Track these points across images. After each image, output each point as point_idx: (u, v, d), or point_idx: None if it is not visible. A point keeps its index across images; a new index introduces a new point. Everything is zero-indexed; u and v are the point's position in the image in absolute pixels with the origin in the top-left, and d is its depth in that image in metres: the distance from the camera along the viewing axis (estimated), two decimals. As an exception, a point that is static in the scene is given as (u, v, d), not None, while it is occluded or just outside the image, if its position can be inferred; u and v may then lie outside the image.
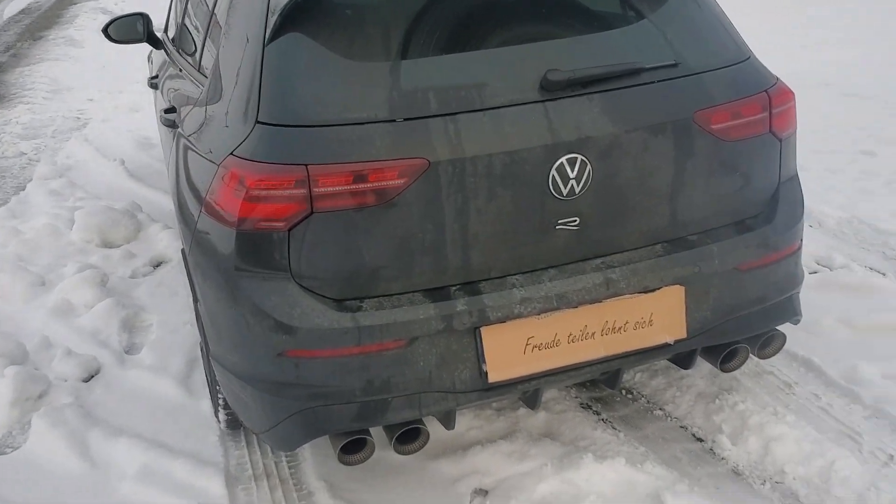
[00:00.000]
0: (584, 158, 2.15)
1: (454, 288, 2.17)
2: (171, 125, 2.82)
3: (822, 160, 5.06)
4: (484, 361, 2.20)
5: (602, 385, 2.72)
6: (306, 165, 2.03)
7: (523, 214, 2.16)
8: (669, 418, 2.78)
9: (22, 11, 16.55)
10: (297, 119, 2.09)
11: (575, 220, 2.21)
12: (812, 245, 3.90)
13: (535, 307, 2.18)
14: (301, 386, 2.16)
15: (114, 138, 6.50)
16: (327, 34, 2.15)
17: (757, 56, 2.49)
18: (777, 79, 2.48)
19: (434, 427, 2.67)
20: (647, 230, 2.31)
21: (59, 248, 4.32)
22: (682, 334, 2.36)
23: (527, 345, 2.23)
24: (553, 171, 2.13)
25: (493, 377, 2.21)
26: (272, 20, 2.16)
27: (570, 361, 2.28)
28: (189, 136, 2.49)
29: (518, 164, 2.11)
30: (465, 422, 2.75)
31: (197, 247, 2.30)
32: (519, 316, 2.18)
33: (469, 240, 2.14)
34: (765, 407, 2.71)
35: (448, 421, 2.36)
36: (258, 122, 2.11)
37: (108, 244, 4.37)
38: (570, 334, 2.26)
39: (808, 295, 3.37)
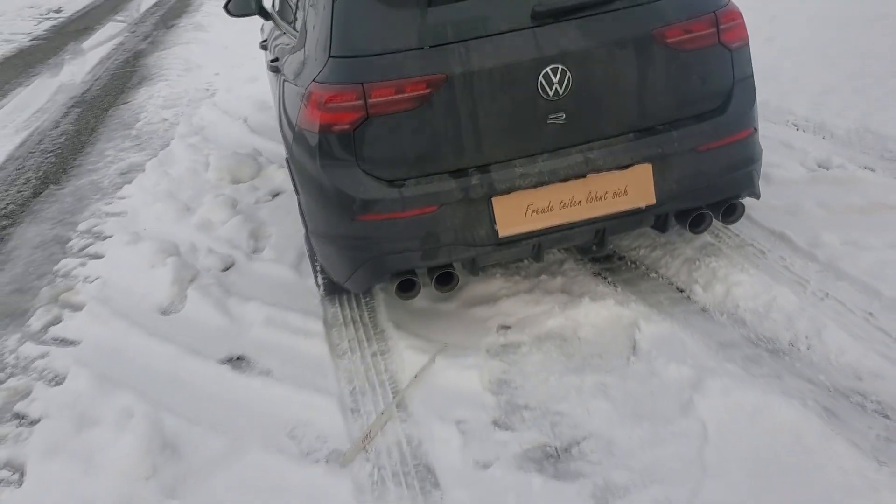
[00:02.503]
0: (564, 68, 2.95)
1: (471, 169, 3.01)
2: (276, 70, 3.78)
3: (853, 83, 5.55)
4: (495, 222, 3.04)
5: (596, 248, 3.49)
6: (362, 84, 2.92)
7: (520, 113, 2.98)
8: (661, 278, 3.55)
9: (156, 3, 18.28)
10: (356, 51, 2.99)
11: (562, 116, 3.01)
12: (818, 152, 4.50)
13: (532, 181, 3.00)
14: (368, 241, 3.08)
15: (237, 103, 7.64)
16: None
17: None
18: (728, 2, 3.17)
19: (472, 286, 3.56)
20: (620, 122, 3.08)
21: (198, 185, 5.43)
22: (652, 201, 3.12)
23: (527, 210, 3.06)
24: (540, 79, 2.94)
25: (503, 233, 3.06)
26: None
27: (561, 221, 3.09)
28: (287, 74, 3.44)
29: (513, 75, 2.93)
30: (498, 283, 3.61)
31: (294, 152, 3.24)
32: (519, 188, 3.01)
33: (481, 133, 2.98)
34: (735, 265, 3.43)
35: (474, 269, 3.23)
36: (331, 57, 3.02)
37: (236, 181, 5.44)
38: (561, 201, 3.07)
39: (800, 188, 4.06)
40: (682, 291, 3.43)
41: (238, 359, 3.42)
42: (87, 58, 12.40)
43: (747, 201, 3.85)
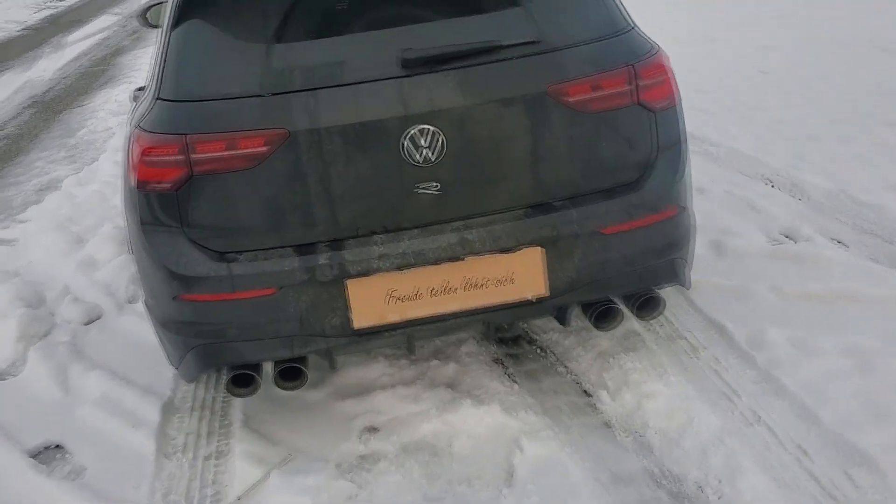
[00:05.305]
0: (436, 129, 2.37)
1: (321, 244, 2.45)
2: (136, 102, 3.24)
3: (840, 129, 4.94)
4: (350, 310, 2.47)
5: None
6: (185, 135, 2.37)
7: (381, 180, 2.41)
8: (569, 374, 2.96)
9: (156, -3, 17.88)
10: (183, 95, 2.44)
11: (436, 185, 2.43)
12: (787, 217, 3.90)
13: (394, 262, 2.43)
14: (193, 325, 2.52)
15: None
16: (215, 21, 2.48)
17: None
18: (652, 53, 2.58)
19: (348, 371, 3.00)
20: (508, 195, 2.50)
21: (103, 212, 4.90)
22: (543, 292, 2.54)
23: (389, 296, 2.49)
24: (406, 141, 2.37)
25: (359, 324, 2.49)
26: (176, 11, 2.51)
27: (432, 312, 2.51)
28: (131, 114, 2.89)
29: (371, 134, 2.37)
30: (379, 368, 3.04)
31: (124, 207, 2.69)
32: (380, 270, 2.44)
33: (333, 201, 2.41)
34: (655, 368, 2.84)
35: (332, 362, 2.67)
36: (158, 99, 2.47)
37: (145, 209, 4.90)
38: (432, 288, 2.50)
39: (757, 264, 3.46)
40: (588, 395, 2.84)
41: (55, 447, 2.87)
42: (66, 52, 11.99)
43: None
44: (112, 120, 7.46)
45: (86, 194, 5.14)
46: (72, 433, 2.92)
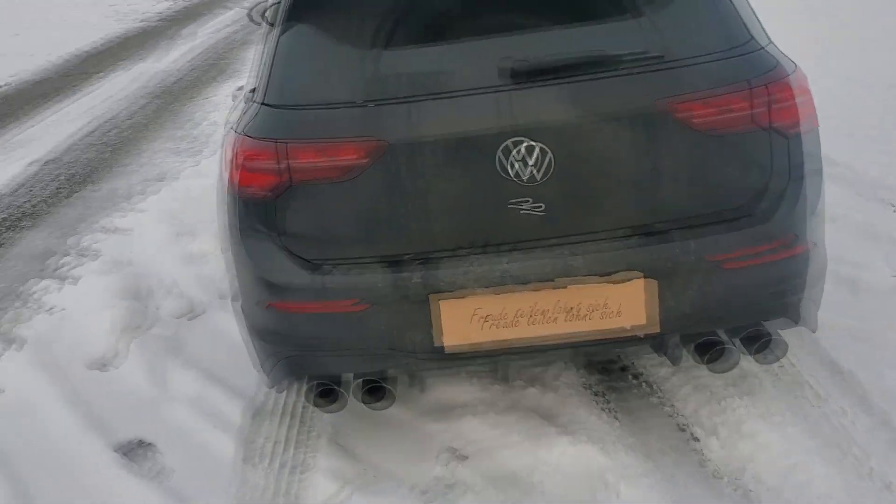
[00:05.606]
0: (543, 146, 2.22)
1: (416, 260, 2.34)
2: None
3: None
4: (440, 330, 2.35)
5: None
6: (286, 142, 2.31)
7: (483, 197, 2.28)
8: (676, 415, 2.75)
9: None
10: (288, 101, 2.39)
11: (540, 206, 2.28)
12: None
13: (490, 283, 2.29)
14: (286, 335, 2.47)
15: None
16: (324, 27, 2.41)
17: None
18: (788, 72, 2.34)
19: (439, 391, 2.89)
20: (618, 218, 2.32)
21: (216, 206, 4.96)
22: (654, 327, 2.35)
23: (484, 319, 2.35)
24: (512, 157, 2.23)
25: (450, 345, 2.37)
26: (286, 15, 2.46)
27: (528, 339, 2.36)
28: (232, 116, 2.87)
29: (477, 149, 2.24)
30: (471, 392, 2.90)
31: (222, 210, 2.66)
32: (473, 291, 2.31)
33: (430, 217, 2.31)
34: (773, 415, 2.59)
35: (418, 383, 2.55)
36: (263, 104, 2.42)
37: (255, 205, 4.94)
38: (531, 313, 2.35)
39: (893, 305, 3.14)
40: (695, 440, 2.62)
41: (145, 445, 2.87)
42: (196, 44, 12.40)
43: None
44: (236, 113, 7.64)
45: (202, 187, 5.21)
46: (166, 431, 2.93)
